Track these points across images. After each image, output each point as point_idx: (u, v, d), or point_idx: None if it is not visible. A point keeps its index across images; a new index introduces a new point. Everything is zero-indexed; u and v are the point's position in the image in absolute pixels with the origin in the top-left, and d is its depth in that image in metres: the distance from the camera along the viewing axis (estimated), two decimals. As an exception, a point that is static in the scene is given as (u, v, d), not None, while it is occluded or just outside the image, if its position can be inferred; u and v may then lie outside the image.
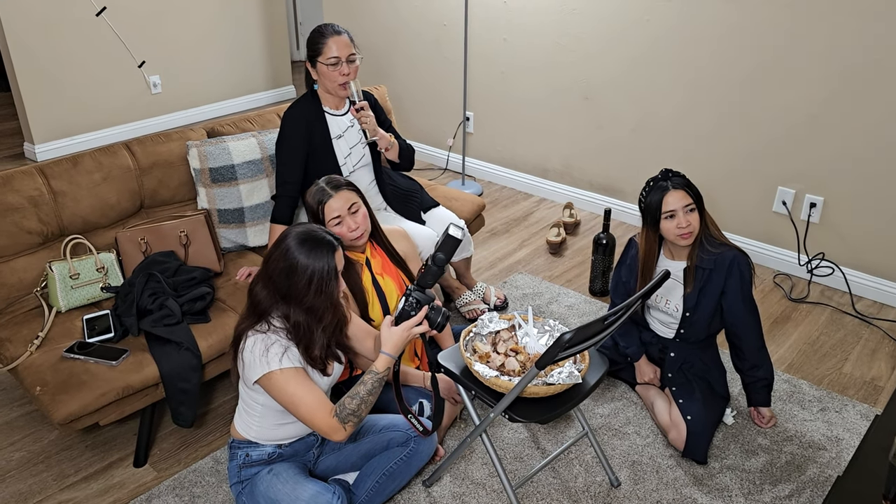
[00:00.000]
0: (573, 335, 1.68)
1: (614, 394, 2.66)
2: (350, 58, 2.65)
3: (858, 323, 3.12)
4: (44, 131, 4.87)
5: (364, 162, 2.83)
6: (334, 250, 1.87)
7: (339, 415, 1.87)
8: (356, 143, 2.80)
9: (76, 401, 2.09)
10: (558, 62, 3.98)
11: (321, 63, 2.64)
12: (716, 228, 2.38)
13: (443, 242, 1.90)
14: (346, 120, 2.79)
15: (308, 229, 1.89)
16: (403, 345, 1.94)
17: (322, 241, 1.87)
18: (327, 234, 1.90)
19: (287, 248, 1.85)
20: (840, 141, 3.17)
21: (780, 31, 3.17)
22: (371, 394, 1.90)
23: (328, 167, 2.74)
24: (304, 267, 1.83)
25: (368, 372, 1.92)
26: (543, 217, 4.10)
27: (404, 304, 1.93)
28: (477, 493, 2.24)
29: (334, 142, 2.75)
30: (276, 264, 1.86)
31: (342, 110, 2.79)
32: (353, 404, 1.88)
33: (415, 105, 4.78)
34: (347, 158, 2.78)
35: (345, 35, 2.65)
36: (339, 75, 2.64)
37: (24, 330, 2.35)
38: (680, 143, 3.67)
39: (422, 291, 1.93)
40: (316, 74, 2.69)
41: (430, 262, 1.91)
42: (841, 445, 2.43)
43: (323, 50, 2.62)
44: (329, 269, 1.85)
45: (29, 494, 2.26)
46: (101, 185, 2.59)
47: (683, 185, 2.29)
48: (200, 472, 2.32)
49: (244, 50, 5.84)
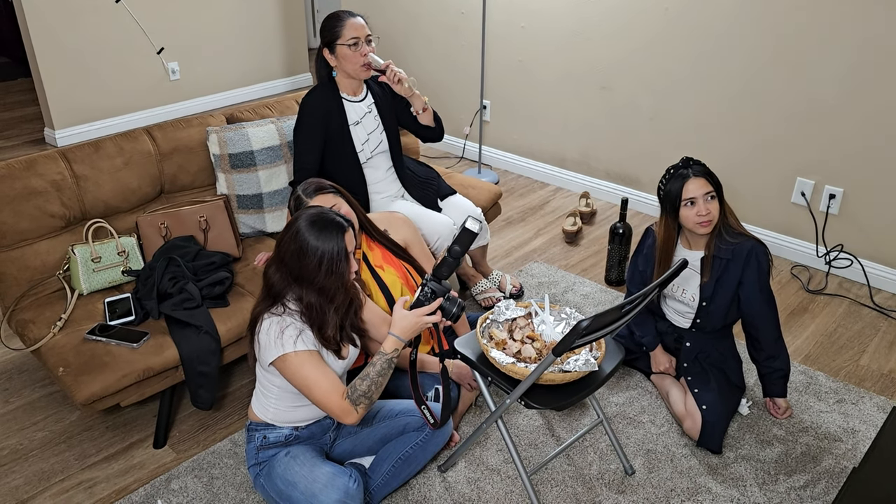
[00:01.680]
0: (591, 322, 1.69)
1: (629, 382, 2.66)
2: (368, 38, 2.67)
3: (876, 315, 3.10)
4: (64, 117, 4.91)
5: (382, 148, 2.84)
6: (344, 231, 1.89)
7: (350, 396, 1.89)
8: (374, 129, 2.81)
9: (98, 382, 2.13)
10: (576, 51, 3.96)
11: (341, 45, 2.65)
12: (734, 219, 2.37)
13: (459, 235, 1.90)
14: (364, 106, 2.80)
15: (318, 211, 1.91)
16: (413, 330, 1.94)
17: (332, 222, 1.88)
18: (337, 215, 1.91)
19: (297, 231, 1.87)
20: (860, 132, 3.14)
21: (799, 19, 3.14)
22: (381, 375, 1.92)
23: (346, 153, 2.75)
24: (315, 248, 1.85)
25: (377, 353, 1.94)
26: (560, 206, 4.09)
27: (419, 294, 1.95)
28: (492, 479, 2.26)
29: (352, 128, 2.76)
30: (287, 247, 1.88)
31: (359, 96, 2.80)
32: (364, 386, 1.90)
33: (432, 93, 4.77)
34: (365, 145, 2.79)
35: (360, 18, 2.68)
36: (360, 56, 2.66)
37: (47, 312, 2.39)
38: (697, 133, 3.65)
39: (437, 282, 1.94)
40: (335, 60, 2.70)
41: (447, 254, 1.93)
42: (857, 437, 2.42)
43: (343, 32, 2.64)
44: (339, 249, 1.87)
45: (51, 473, 2.30)
46: (123, 169, 2.62)
47: (704, 172, 2.28)
48: (219, 453, 2.36)
49: (261, 37, 5.85)
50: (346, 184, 2.76)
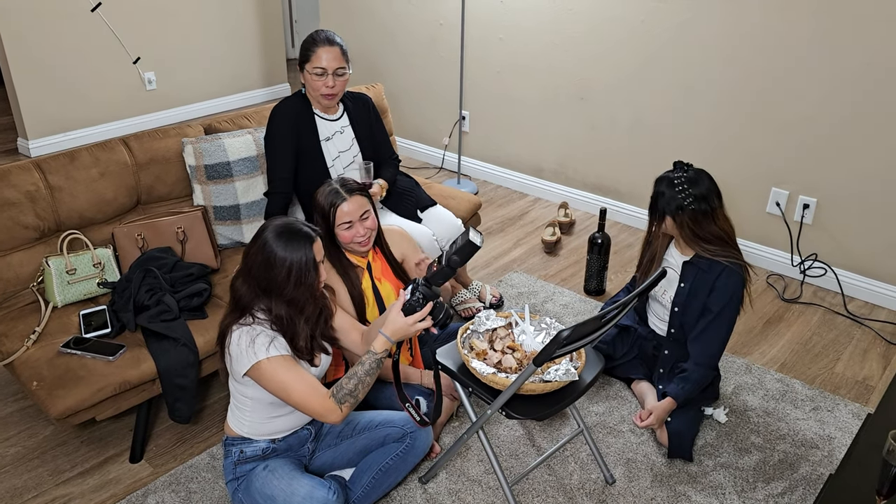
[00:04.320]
0: (571, 332, 1.70)
1: (609, 392, 2.67)
2: (338, 71, 2.63)
3: (850, 323, 3.15)
4: (38, 127, 4.85)
5: (355, 165, 2.83)
6: (312, 242, 1.88)
7: (335, 395, 1.87)
8: (346, 149, 2.79)
9: (73, 396, 2.09)
10: (554, 62, 3.99)
11: (307, 70, 2.63)
12: (727, 238, 2.37)
13: (461, 247, 1.86)
14: (337, 126, 2.78)
15: (285, 222, 1.89)
16: (403, 334, 1.93)
17: (299, 232, 1.87)
18: (305, 225, 1.90)
19: (265, 242, 1.85)
20: (834, 142, 3.19)
21: (774, 33, 3.19)
22: (368, 374, 1.90)
23: (317, 168, 2.74)
24: (283, 259, 1.84)
25: (367, 353, 1.92)
26: (539, 216, 4.11)
27: (410, 298, 1.92)
28: (473, 490, 2.25)
29: (322, 144, 2.74)
30: (254, 258, 1.86)
31: (333, 115, 2.78)
32: (351, 384, 1.89)
33: (411, 103, 4.78)
34: (336, 161, 2.77)
35: (337, 47, 2.62)
36: (322, 86, 2.63)
37: (21, 325, 2.35)
38: (674, 143, 3.69)
39: (428, 287, 1.93)
40: (303, 79, 2.68)
41: (445, 263, 1.90)
42: (833, 444, 2.45)
43: (311, 58, 2.61)
44: (307, 260, 1.86)
45: (24, 490, 2.26)
46: (98, 180, 2.59)
47: (657, 182, 2.39)
48: (197, 467, 2.33)
49: (239, 47, 5.83)
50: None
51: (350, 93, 2.88)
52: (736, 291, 2.32)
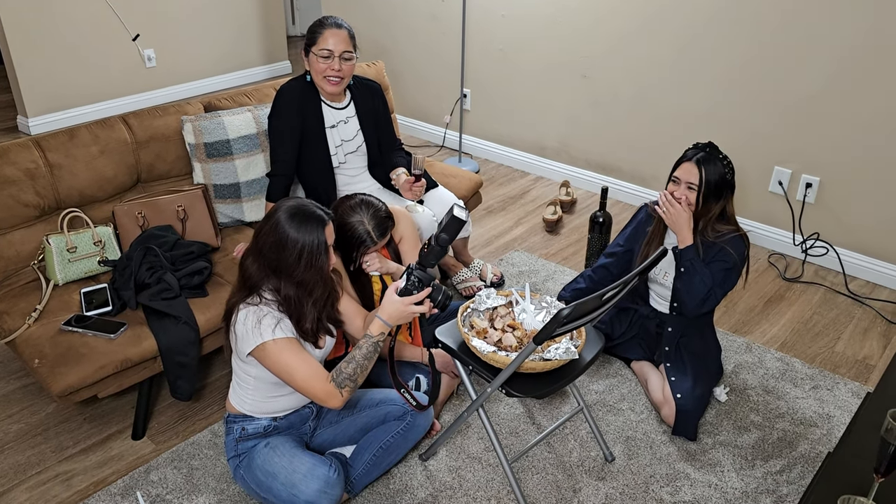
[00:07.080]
0: (571, 310, 1.70)
1: (609, 370, 2.68)
2: (345, 55, 2.59)
3: (851, 303, 3.15)
4: (37, 105, 4.83)
5: (359, 153, 2.81)
6: (324, 224, 1.87)
7: (335, 379, 1.88)
8: (351, 137, 2.77)
9: (75, 373, 2.10)
10: (556, 40, 3.96)
11: (313, 52, 2.59)
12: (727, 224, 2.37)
13: (447, 224, 1.88)
14: (343, 114, 2.76)
15: (298, 203, 1.89)
16: (400, 317, 1.93)
17: (312, 215, 1.86)
18: (318, 208, 1.90)
19: (277, 222, 1.85)
20: (837, 121, 3.17)
21: (779, 9, 3.16)
22: (367, 358, 1.91)
23: (319, 154, 2.72)
24: (295, 241, 1.84)
25: (363, 336, 1.93)
26: (540, 195, 4.10)
27: (406, 283, 1.92)
28: (473, 467, 2.27)
29: (327, 130, 2.72)
30: (266, 238, 1.86)
31: (340, 104, 2.75)
32: (350, 368, 1.89)
33: (412, 81, 4.75)
34: (338, 148, 2.75)
35: (345, 31, 2.59)
36: (327, 69, 2.59)
37: (22, 303, 2.35)
38: (677, 121, 3.67)
39: (423, 270, 1.93)
40: (308, 64, 2.65)
41: (434, 242, 1.90)
42: (832, 422, 2.46)
43: (318, 40, 2.58)
44: (319, 242, 1.85)
45: (27, 466, 2.27)
46: (98, 158, 2.58)
47: (704, 163, 2.29)
48: (198, 444, 2.34)
49: (239, 25, 5.78)
50: (317, 184, 2.74)
51: (359, 79, 2.83)
52: (739, 250, 2.34)
